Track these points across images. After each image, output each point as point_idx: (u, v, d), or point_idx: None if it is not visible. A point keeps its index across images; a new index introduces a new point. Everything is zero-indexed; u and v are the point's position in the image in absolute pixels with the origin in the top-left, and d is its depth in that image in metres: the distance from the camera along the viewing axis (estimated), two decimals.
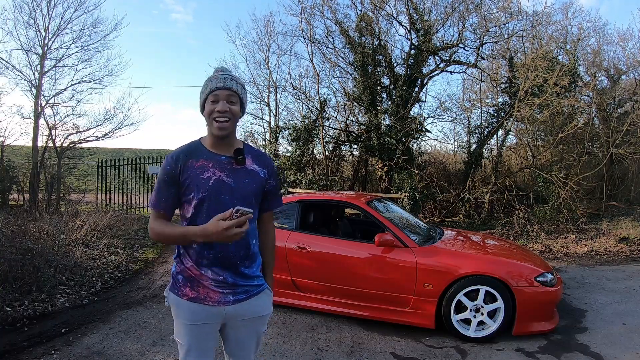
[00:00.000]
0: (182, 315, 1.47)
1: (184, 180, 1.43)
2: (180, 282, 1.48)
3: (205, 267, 1.45)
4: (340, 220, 4.54)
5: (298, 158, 10.16)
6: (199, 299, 1.45)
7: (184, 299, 1.46)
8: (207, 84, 1.46)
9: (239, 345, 1.55)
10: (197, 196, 1.43)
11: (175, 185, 1.44)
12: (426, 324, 3.26)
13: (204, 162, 1.45)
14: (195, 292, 1.45)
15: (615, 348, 3.02)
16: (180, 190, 1.45)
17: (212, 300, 1.45)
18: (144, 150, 20.25)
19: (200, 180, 1.43)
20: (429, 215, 8.80)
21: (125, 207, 9.60)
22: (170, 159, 1.45)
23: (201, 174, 1.43)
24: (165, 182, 1.44)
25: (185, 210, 1.47)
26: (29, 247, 4.15)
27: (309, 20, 10.10)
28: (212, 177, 1.44)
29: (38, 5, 8.16)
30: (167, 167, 1.44)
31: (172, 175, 1.43)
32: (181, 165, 1.43)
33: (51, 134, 8.46)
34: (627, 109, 9.74)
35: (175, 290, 1.48)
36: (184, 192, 1.45)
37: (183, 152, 1.46)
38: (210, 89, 1.44)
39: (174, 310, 1.50)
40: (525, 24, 8.81)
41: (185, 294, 1.46)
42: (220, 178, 1.44)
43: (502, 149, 9.71)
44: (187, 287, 1.46)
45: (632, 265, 5.52)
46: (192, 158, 1.45)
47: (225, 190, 1.44)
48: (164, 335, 3.19)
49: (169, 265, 5.30)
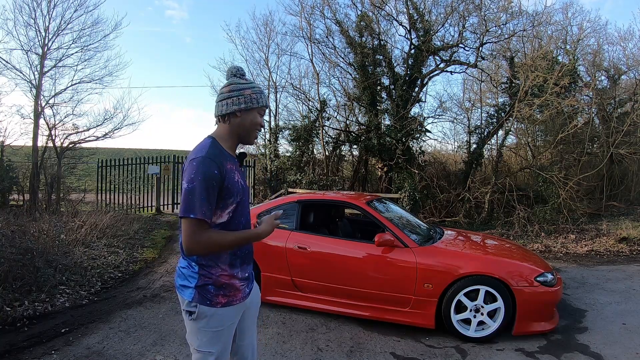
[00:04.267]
0: (214, 324, 1.45)
1: (226, 185, 1.40)
2: (212, 292, 1.45)
3: (237, 267, 1.50)
4: (340, 220, 4.54)
5: (298, 158, 10.17)
6: (229, 302, 1.48)
7: (218, 307, 1.45)
8: (261, 95, 1.51)
9: (246, 333, 1.63)
10: (235, 201, 1.44)
11: (218, 190, 1.38)
12: (426, 324, 3.25)
13: (231, 165, 1.45)
14: (227, 297, 1.48)
15: (615, 348, 3.02)
16: (220, 195, 1.39)
17: (238, 298, 1.51)
18: (144, 150, 20.28)
19: (235, 183, 1.44)
20: (429, 215, 8.80)
21: (125, 207, 9.60)
22: (214, 162, 1.36)
23: (233, 177, 1.44)
24: (212, 188, 1.35)
25: (218, 217, 1.42)
26: (29, 247, 4.15)
27: (308, 19, 10.12)
28: (239, 181, 1.48)
29: (38, 5, 8.19)
30: (214, 171, 1.35)
31: (220, 180, 1.37)
32: (222, 169, 1.39)
33: (51, 134, 8.48)
34: (627, 109, 9.74)
35: (207, 302, 1.44)
36: (224, 197, 1.40)
37: (217, 154, 1.41)
38: (263, 104, 1.52)
39: (204, 322, 1.44)
40: (526, 24, 8.81)
41: (218, 302, 1.45)
42: (241, 180, 1.51)
43: (502, 149, 9.72)
44: (220, 295, 1.46)
45: (632, 265, 5.52)
46: (224, 161, 1.42)
47: (245, 192, 1.53)
48: (164, 335, 3.19)
49: (169, 265, 5.30)
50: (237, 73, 1.53)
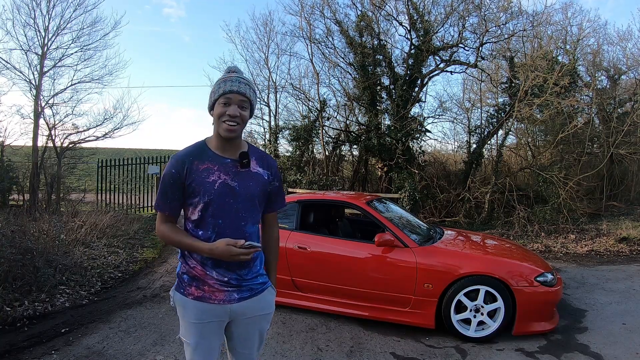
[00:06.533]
0: (188, 315, 1.47)
1: (189, 183, 1.41)
2: (186, 282, 1.48)
3: (210, 267, 1.45)
4: (340, 220, 4.53)
5: (298, 158, 10.16)
6: (204, 298, 1.45)
7: (190, 298, 1.46)
8: (220, 85, 1.43)
9: (242, 342, 1.56)
10: (202, 200, 1.41)
11: (180, 188, 1.43)
12: (426, 324, 3.26)
13: (209, 165, 1.43)
14: (201, 291, 1.46)
15: (615, 348, 3.02)
16: (186, 193, 1.43)
17: (217, 299, 1.46)
18: (144, 150, 20.28)
19: (205, 183, 1.41)
20: (429, 215, 8.79)
21: (125, 207, 9.60)
22: (175, 162, 1.42)
23: (206, 177, 1.42)
24: (170, 185, 1.43)
25: (191, 213, 1.45)
26: (29, 247, 4.15)
27: (308, 19, 10.11)
28: (217, 181, 1.42)
29: (37, 5, 8.18)
30: (172, 170, 1.42)
31: (178, 178, 1.41)
32: (187, 168, 1.41)
33: (51, 134, 8.47)
34: (627, 109, 9.75)
35: (181, 290, 1.49)
36: (189, 196, 1.43)
37: (188, 154, 1.44)
38: (223, 90, 1.41)
39: (180, 310, 1.50)
40: (525, 24, 8.81)
41: (190, 293, 1.46)
42: (226, 181, 1.43)
43: (502, 149, 9.70)
44: (193, 286, 1.46)
45: (632, 265, 5.51)
46: (197, 160, 1.43)
47: (230, 194, 1.43)
48: (164, 335, 3.19)
49: (169, 265, 5.30)
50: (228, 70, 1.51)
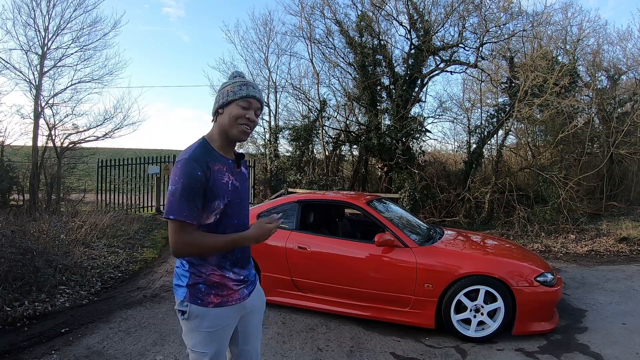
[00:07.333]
0: (207, 324, 1.42)
1: (211, 186, 1.37)
2: (204, 292, 1.42)
3: (228, 269, 1.45)
4: (340, 220, 4.54)
5: (298, 158, 10.16)
6: (223, 303, 1.44)
7: (210, 306, 1.42)
8: (241, 87, 1.43)
9: (246, 338, 1.58)
10: (222, 202, 1.40)
11: (203, 192, 1.36)
12: (426, 324, 3.26)
13: (220, 166, 1.41)
14: (220, 296, 1.44)
15: (615, 348, 3.02)
16: (205, 196, 1.37)
17: (234, 299, 1.47)
18: (144, 150, 20.29)
19: (222, 185, 1.40)
20: (429, 215, 8.79)
21: (125, 207, 9.60)
22: (197, 163, 1.34)
23: (221, 178, 1.40)
24: (195, 190, 1.33)
25: (205, 217, 1.40)
26: (29, 247, 4.15)
27: (308, 19, 10.12)
28: (229, 182, 1.43)
29: (37, 5, 8.19)
30: (197, 173, 1.33)
31: (203, 181, 1.34)
32: (210, 169, 1.37)
33: (51, 134, 8.48)
34: (627, 109, 9.74)
35: (199, 301, 1.42)
36: (209, 199, 1.38)
37: (204, 154, 1.39)
38: (247, 94, 1.42)
39: (196, 322, 1.42)
40: (525, 24, 8.80)
41: (211, 302, 1.42)
42: (234, 182, 1.45)
43: (502, 149, 9.70)
44: (212, 294, 1.43)
45: (632, 265, 5.52)
46: (211, 161, 1.39)
47: (237, 194, 1.47)
48: (164, 335, 3.19)
49: (169, 265, 5.30)
50: (234, 75, 1.53)
